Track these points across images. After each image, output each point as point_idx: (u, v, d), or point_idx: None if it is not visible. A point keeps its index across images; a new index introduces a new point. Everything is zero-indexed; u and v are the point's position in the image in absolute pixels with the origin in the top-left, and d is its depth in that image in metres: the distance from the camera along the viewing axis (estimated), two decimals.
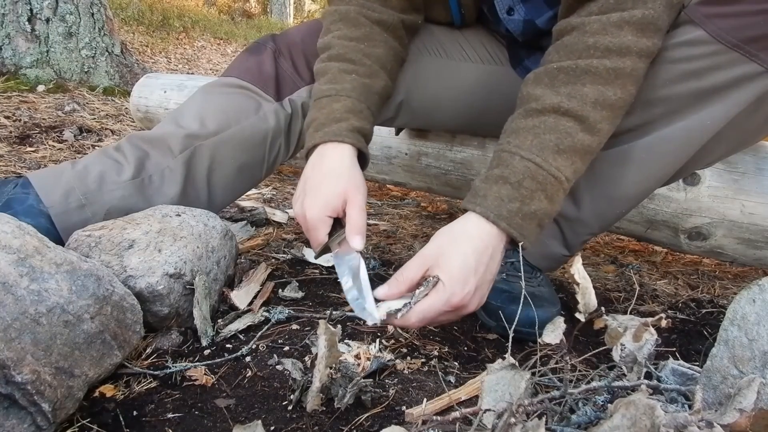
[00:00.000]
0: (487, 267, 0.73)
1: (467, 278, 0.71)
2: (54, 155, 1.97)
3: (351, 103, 0.88)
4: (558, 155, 0.73)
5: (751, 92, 0.76)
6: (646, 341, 0.60)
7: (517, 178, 0.73)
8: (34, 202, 0.88)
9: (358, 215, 0.80)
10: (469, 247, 0.72)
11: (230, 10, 11.26)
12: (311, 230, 0.82)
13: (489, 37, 1.11)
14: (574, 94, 0.73)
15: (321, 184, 0.82)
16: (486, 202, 0.73)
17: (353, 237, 0.79)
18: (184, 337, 0.83)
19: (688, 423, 0.42)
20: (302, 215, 0.83)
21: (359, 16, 0.94)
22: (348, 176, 0.83)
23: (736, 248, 1.14)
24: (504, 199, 0.73)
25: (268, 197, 1.77)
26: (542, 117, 0.74)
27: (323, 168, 0.84)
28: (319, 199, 0.81)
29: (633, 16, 0.72)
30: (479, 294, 0.74)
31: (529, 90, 0.77)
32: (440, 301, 0.71)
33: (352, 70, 0.90)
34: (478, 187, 0.76)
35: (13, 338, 0.56)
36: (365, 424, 0.66)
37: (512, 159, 0.74)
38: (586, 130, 0.74)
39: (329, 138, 0.85)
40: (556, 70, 0.75)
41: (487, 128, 1.24)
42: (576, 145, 0.73)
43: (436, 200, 1.92)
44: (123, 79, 3.54)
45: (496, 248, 0.74)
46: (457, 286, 0.70)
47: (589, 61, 0.73)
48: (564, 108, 0.73)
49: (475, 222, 0.74)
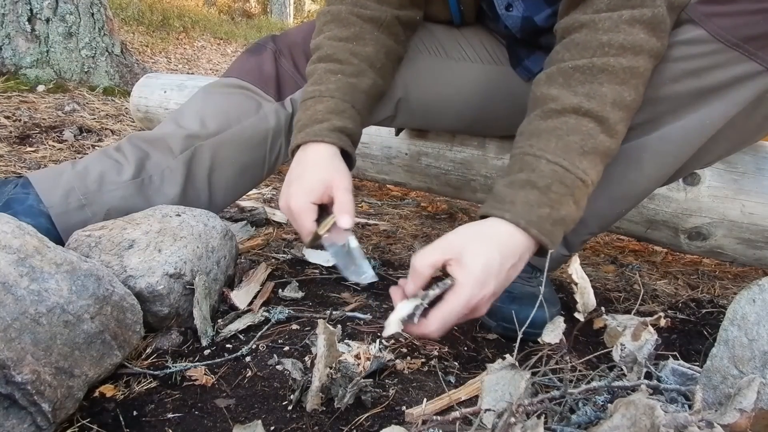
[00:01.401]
0: (508, 274, 0.70)
1: (487, 280, 0.67)
2: (54, 155, 1.97)
3: (334, 103, 0.88)
4: (583, 157, 0.71)
5: (750, 91, 0.76)
6: (646, 341, 0.60)
7: (545, 183, 0.70)
8: (34, 202, 0.88)
9: (344, 195, 0.79)
10: (497, 250, 0.68)
11: (230, 10, 11.26)
12: (297, 219, 0.82)
13: (489, 36, 1.11)
14: (593, 94, 0.71)
15: (303, 173, 0.82)
16: (515, 208, 0.69)
17: (341, 216, 0.78)
18: (184, 337, 0.83)
19: (688, 423, 0.42)
20: (286, 205, 0.83)
21: (350, 15, 0.93)
22: (329, 165, 0.83)
23: (736, 248, 1.13)
24: (533, 204, 0.69)
25: (268, 197, 1.77)
26: (562, 118, 0.72)
27: (306, 161, 0.84)
28: (302, 187, 0.81)
29: (644, 15, 0.71)
30: (492, 299, 0.71)
31: (544, 90, 0.75)
32: (461, 303, 0.66)
33: (338, 70, 0.90)
34: (503, 192, 0.72)
35: (13, 338, 0.56)
36: (365, 424, 0.66)
37: (538, 162, 0.71)
38: (606, 131, 0.72)
39: (310, 138, 0.85)
40: (571, 69, 0.73)
41: (486, 128, 1.24)
42: (598, 147, 0.71)
43: (436, 200, 1.93)
44: (123, 79, 3.54)
45: (523, 256, 0.71)
46: (477, 287, 0.66)
47: (606, 60, 0.71)
48: (584, 108, 0.71)
49: (505, 228, 0.69)
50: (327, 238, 0.82)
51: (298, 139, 0.87)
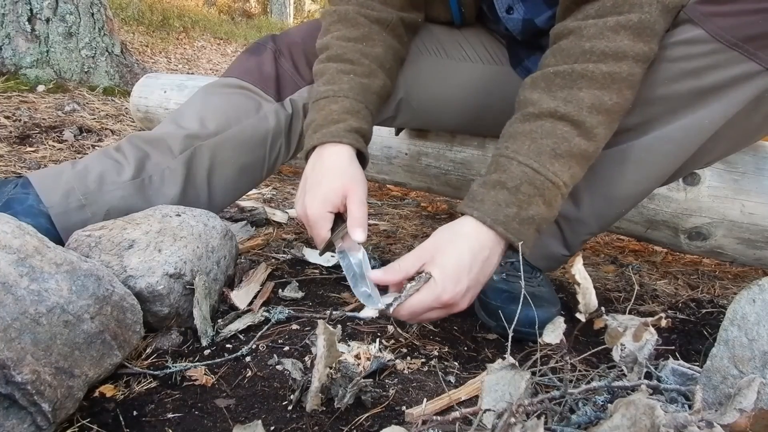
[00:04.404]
0: (481, 268, 0.74)
1: (460, 277, 0.72)
2: (54, 155, 1.97)
3: (349, 103, 0.88)
4: (555, 160, 0.73)
5: (749, 91, 0.76)
6: (646, 341, 0.60)
7: (514, 183, 0.73)
8: (34, 202, 0.88)
9: (358, 209, 0.80)
10: (466, 247, 0.73)
11: (230, 10, 11.26)
12: (313, 227, 0.83)
13: (489, 36, 1.11)
14: (570, 98, 0.74)
15: (320, 181, 0.83)
16: (483, 207, 0.74)
17: (354, 230, 0.80)
18: (184, 337, 0.83)
19: (688, 423, 0.42)
20: (303, 213, 0.84)
21: (358, 15, 0.94)
22: (347, 172, 0.83)
23: (736, 248, 1.13)
24: (501, 204, 0.73)
25: (268, 197, 1.77)
26: (539, 121, 0.75)
27: (322, 166, 0.85)
28: (319, 195, 0.82)
29: (629, 21, 0.72)
30: (470, 294, 0.75)
31: (526, 94, 0.78)
32: (430, 297, 0.72)
33: (350, 70, 0.91)
34: (476, 191, 0.76)
35: (13, 338, 0.56)
36: (365, 424, 0.66)
37: (509, 164, 0.74)
38: (583, 134, 0.74)
39: (327, 139, 0.85)
40: (552, 74, 0.76)
41: (486, 128, 1.24)
42: (573, 149, 0.74)
43: (436, 200, 1.92)
44: (123, 79, 3.54)
45: (493, 251, 0.75)
46: (449, 284, 0.72)
47: (585, 66, 0.73)
48: (560, 113, 0.74)
49: (472, 225, 0.74)
50: (340, 246, 0.84)
51: (314, 139, 0.87)
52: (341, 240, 0.83)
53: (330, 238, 0.82)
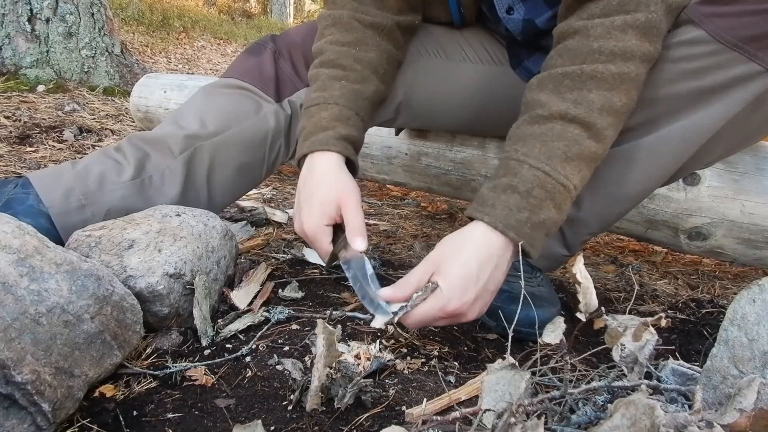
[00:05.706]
0: (490, 277, 0.72)
1: (467, 287, 0.70)
2: (54, 155, 1.97)
3: (338, 110, 0.88)
4: (566, 163, 0.72)
5: (750, 92, 0.76)
6: (647, 341, 0.60)
7: (526, 188, 0.72)
8: (34, 202, 0.88)
9: (354, 217, 0.80)
10: (473, 256, 0.71)
11: (230, 10, 11.26)
12: (314, 242, 0.83)
13: (489, 37, 1.11)
14: (581, 100, 0.72)
15: (313, 194, 0.83)
16: (495, 212, 0.72)
17: (354, 239, 0.79)
18: (184, 337, 0.83)
19: (688, 423, 0.42)
20: (301, 230, 0.84)
21: (352, 20, 0.94)
22: (337, 181, 0.83)
23: (736, 248, 1.14)
24: (513, 208, 0.71)
25: (268, 197, 1.77)
26: (549, 124, 0.73)
27: (312, 178, 0.85)
28: (314, 209, 0.82)
29: (637, 20, 0.71)
30: (479, 303, 0.73)
31: (534, 95, 0.76)
32: (436, 307, 0.71)
33: (342, 76, 0.90)
34: (486, 195, 0.74)
35: (13, 338, 0.56)
36: (365, 424, 0.66)
37: (521, 167, 0.73)
38: (593, 137, 0.73)
39: (316, 147, 0.85)
40: (560, 75, 0.74)
41: (487, 128, 1.24)
42: (583, 152, 0.73)
43: (436, 200, 1.93)
44: (123, 79, 3.54)
45: (502, 258, 0.73)
46: (455, 294, 0.70)
47: (594, 66, 0.72)
48: (571, 115, 0.72)
49: (482, 231, 0.72)
50: (344, 257, 0.84)
51: (303, 148, 0.87)
52: (344, 249, 0.83)
53: (333, 250, 0.83)
